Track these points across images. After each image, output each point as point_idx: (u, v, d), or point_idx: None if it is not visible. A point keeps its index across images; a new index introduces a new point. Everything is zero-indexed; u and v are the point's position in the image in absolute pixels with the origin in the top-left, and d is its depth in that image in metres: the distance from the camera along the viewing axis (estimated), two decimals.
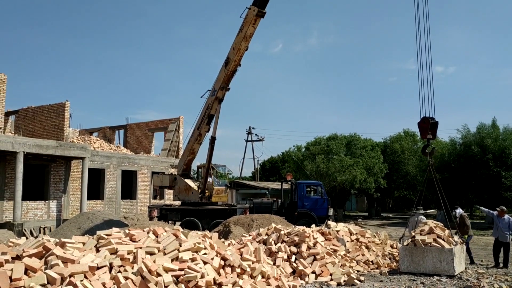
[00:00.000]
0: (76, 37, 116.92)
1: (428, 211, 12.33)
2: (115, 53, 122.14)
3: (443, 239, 10.25)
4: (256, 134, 51.45)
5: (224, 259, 7.60)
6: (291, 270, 9.16)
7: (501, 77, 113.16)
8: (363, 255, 10.96)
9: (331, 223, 12.61)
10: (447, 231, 10.67)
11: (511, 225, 11.56)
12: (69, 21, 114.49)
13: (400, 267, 10.29)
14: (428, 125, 11.14)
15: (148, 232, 7.86)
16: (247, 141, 51.65)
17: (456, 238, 10.80)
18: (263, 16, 16.24)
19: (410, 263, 10.08)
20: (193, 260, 7.11)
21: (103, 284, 6.06)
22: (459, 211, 13.19)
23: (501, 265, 11.37)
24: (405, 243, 10.45)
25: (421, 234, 10.50)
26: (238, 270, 7.58)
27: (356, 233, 11.84)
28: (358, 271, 10.02)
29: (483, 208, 13.47)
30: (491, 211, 12.26)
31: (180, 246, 7.37)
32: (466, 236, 12.33)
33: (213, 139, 18.89)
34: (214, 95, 18.16)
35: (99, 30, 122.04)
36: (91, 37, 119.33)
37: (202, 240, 7.95)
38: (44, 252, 6.55)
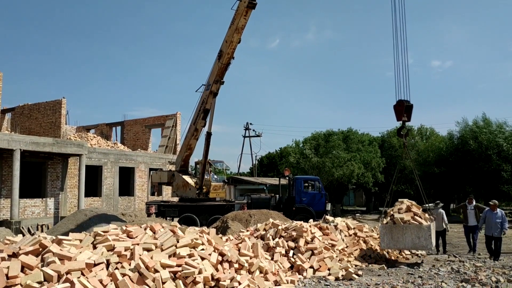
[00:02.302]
0: (73, 34, 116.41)
1: (425, 205, 12.54)
2: (112, 50, 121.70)
3: (419, 217, 10.67)
4: (253, 130, 51.50)
5: (221, 254, 7.58)
6: (289, 265, 9.14)
7: (498, 71, 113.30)
8: (361, 249, 10.98)
9: (329, 217, 12.63)
10: (421, 209, 11.17)
11: (504, 218, 11.55)
12: (65, 18, 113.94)
13: (381, 244, 10.70)
14: (403, 108, 11.40)
15: (145, 229, 7.82)
16: (244, 137, 51.67)
17: (427, 215, 11.18)
18: (254, 7, 16.16)
19: (390, 240, 10.48)
20: (190, 256, 7.09)
21: (100, 281, 6.02)
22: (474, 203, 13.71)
23: (493, 257, 11.46)
24: (384, 222, 10.79)
25: (399, 213, 10.83)
26: (236, 265, 7.56)
27: (354, 228, 11.86)
28: (356, 265, 10.02)
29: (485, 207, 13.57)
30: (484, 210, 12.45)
31: (178, 242, 7.34)
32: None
33: (208, 135, 18.84)
34: (209, 89, 18.10)
35: (95, 27, 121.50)
36: (87, 34, 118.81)
37: (200, 236, 7.92)
38: (40, 249, 6.51)
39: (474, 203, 13.54)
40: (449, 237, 14.34)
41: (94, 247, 6.90)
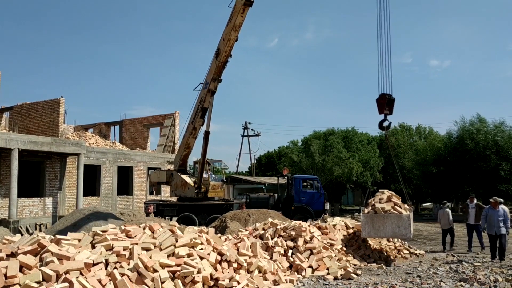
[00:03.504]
0: (71, 33, 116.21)
1: (423, 204, 12.76)
2: (110, 49, 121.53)
3: (399, 207, 10.94)
4: (252, 129, 51.46)
5: (220, 254, 7.58)
6: (288, 264, 9.15)
7: (497, 71, 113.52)
8: (359, 249, 10.99)
9: (328, 217, 12.65)
10: (400, 199, 11.55)
11: (506, 215, 11.23)
12: (63, 16, 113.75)
13: (362, 233, 10.93)
14: (385, 101, 11.65)
15: (144, 228, 7.81)
16: (243, 136, 51.66)
17: (406, 205, 11.43)
18: (250, 5, 16.14)
19: (371, 229, 10.75)
20: (189, 255, 7.08)
21: (99, 281, 6.01)
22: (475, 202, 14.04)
23: (497, 257, 11.30)
24: (365, 211, 11.04)
25: (380, 203, 11.10)
26: (235, 265, 7.55)
27: (353, 227, 11.87)
28: (354, 265, 10.02)
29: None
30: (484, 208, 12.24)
31: (177, 241, 7.33)
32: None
33: (207, 134, 18.80)
34: (207, 87, 18.08)
35: (94, 25, 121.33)
36: (86, 33, 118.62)
37: (199, 236, 7.91)
38: (39, 249, 6.49)
39: (475, 201, 13.82)
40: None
41: (93, 247, 6.89)
